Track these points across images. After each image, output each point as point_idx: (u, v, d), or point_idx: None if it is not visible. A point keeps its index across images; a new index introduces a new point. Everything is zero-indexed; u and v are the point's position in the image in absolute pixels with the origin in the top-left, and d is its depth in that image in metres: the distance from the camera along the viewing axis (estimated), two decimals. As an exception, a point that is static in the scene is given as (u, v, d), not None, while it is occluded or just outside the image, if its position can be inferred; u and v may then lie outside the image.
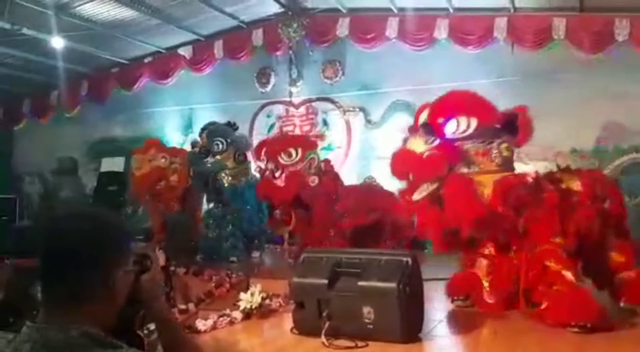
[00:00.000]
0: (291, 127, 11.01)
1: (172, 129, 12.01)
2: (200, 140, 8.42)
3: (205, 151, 8.14)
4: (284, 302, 4.63)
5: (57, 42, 10.05)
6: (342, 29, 10.28)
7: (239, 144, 8.11)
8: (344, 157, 10.53)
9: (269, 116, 11.21)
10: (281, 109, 11.18)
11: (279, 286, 4.80)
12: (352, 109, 10.59)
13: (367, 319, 3.65)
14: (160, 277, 1.65)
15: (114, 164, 11.60)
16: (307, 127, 10.89)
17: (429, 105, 4.65)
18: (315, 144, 7.73)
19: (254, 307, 4.42)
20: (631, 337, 3.82)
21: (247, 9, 10.56)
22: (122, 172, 11.29)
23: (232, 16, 10.70)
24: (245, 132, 10.60)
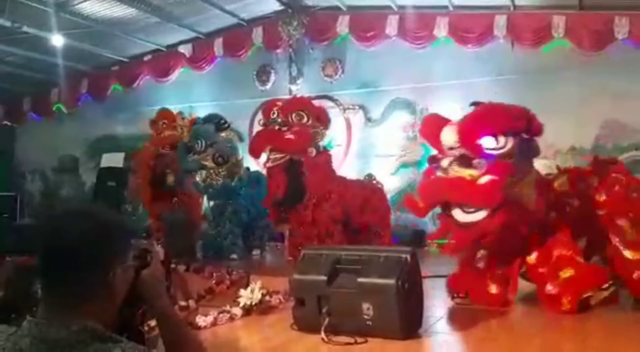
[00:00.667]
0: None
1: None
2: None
3: (190, 147, 8.22)
4: (284, 298, 4.64)
5: (57, 40, 10.07)
6: (342, 26, 10.29)
7: (219, 147, 8.12)
8: (344, 155, 10.52)
9: (269, 114, 11.21)
10: (281, 107, 11.16)
11: (279, 283, 4.81)
12: (352, 107, 10.60)
13: (366, 316, 3.66)
14: (161, 273, 1.64)
15: (114, 159, 11.60)
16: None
17: (441, 124, 4.53)
18: (326, 119, 7.19)
19: (254, 303, 4.44)
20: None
21: (247, 6, 10.57)
22: (121, 168, 11.31)
23: (232, 14, 10.72)
24: (245, 130, 10.64)
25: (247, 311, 4.42)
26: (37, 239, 1.40)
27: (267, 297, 4.58)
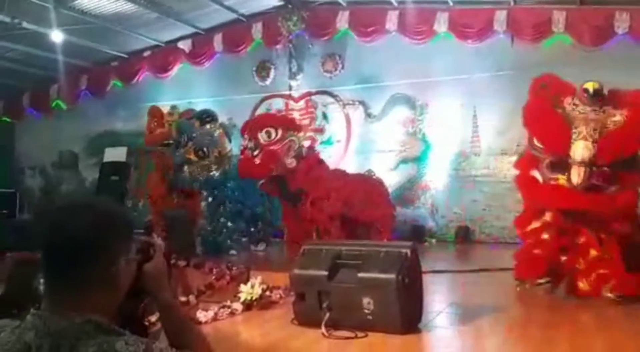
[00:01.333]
0: (291, 120, 11.01)
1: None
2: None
3: (178, 142, 8.24)
4: (285, 293, 4.65)
5: (56, 36, 10.04)
6: (342, 22, 10.28)
7: (198, 140, 8.11)
8: (344, 150, 10.54)
9: (268, 110, 11.20)
10: (281, 102, 11.19)
11: (280, 278, 4.82)
12: (351, 102, 10.60)
13: (366, 310, 3.67)
14: (164, 266, 1.64)
15: (117, 153, 11.59)
16: (306, 121, 10.89)
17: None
18: (296, 126, 7.61)
19: (254, 298, 4.45)
20: None
21: (246, 2, 10.56)
22: (124, 162, 11.30)
23: (231, 9, 10.70)
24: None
25: (248, 306, 4.43)
26: (39, 232, 1.40)
27: (268, 293, 4.59)
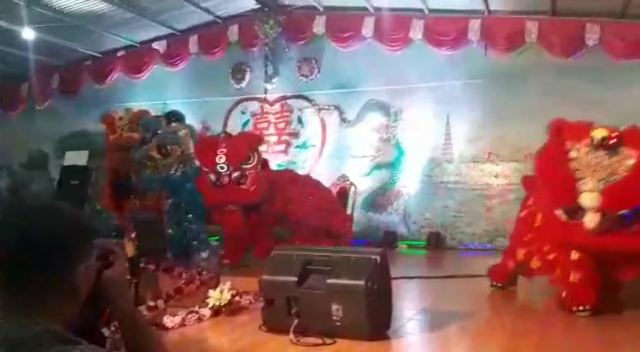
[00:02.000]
0: (265, 124, 10.99)
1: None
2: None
3: (143, 139, 8.15)
4: (254, 299, 4.63)
5: (28, 34, 9.84)
6: (319, 26, 10.28)
7: (160, 137, 8.06)
8: (318, 155, 10.54)
9: (243, 113, 11.17)
10: (256, 105, 11.14)
11: (251, 284, 4.77)
12: (327, 107, 10.60)
13: (335, 317, 3.67)
14: (124, 273, 1.62)
15: (78, 157, 11.40)
16: (281, 125, 10.88)
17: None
18: (260, 139, 8.36)
19: (222, 304, 4.42)
20: None
21: (223, 4, 10.49)
22: (85, 166, 11.11)
23: (207, 11, 10.62)
24: (219, 129, 10.55)
25: (216, 312, 4.40)
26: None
27: (237, 298, 4.57)
